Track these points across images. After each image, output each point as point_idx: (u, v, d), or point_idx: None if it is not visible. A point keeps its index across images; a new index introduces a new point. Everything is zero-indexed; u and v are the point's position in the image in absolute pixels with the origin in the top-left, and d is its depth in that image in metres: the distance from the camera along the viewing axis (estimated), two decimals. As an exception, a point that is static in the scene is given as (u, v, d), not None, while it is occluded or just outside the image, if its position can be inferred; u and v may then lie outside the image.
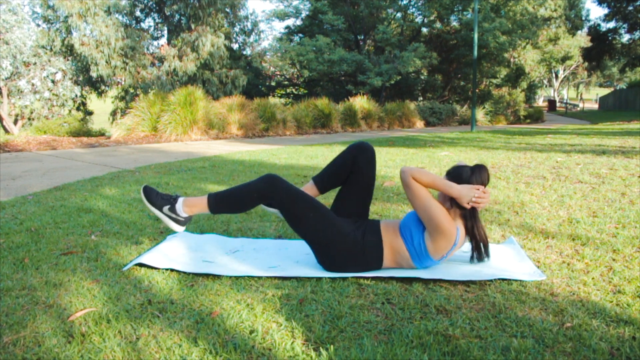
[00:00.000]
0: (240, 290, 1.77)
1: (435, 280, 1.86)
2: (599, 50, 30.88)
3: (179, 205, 2.02)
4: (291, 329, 1.48)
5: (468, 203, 1.86)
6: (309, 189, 2.17)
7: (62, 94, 14.61)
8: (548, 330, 1.45)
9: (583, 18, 35.73)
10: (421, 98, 22.74)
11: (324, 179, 2.16)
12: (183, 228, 2.07)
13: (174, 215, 2.02)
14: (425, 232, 1.89)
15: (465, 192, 1.86)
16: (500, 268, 1.99)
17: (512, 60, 25.13)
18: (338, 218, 1.99)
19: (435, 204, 1.86)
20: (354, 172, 2.08)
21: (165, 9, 16.22)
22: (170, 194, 2.08)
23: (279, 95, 22.61)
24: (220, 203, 2.01)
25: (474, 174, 1.91)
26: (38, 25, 15.13)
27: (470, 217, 1.91)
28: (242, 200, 1.99)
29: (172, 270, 1.98)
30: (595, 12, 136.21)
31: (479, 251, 1.96)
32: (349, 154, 2.10)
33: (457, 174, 1.93)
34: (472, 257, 1.99)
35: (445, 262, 2.06)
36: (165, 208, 2.02)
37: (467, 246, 2.14)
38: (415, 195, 1.87)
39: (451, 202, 1.91)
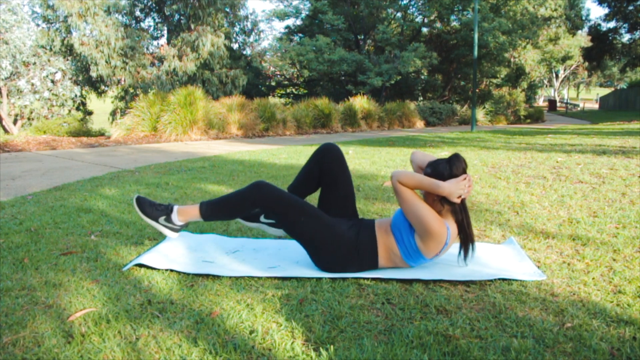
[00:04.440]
0: (240, 291, 1.77)
1: (435, 281, 1.86)
2: (599, 50, 30.87)
3: (174, 215, 2.05)
4: (291, 329, 1.47)
5: (458, 197, 1.85)
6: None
7: (62, 94, 14.61)
8: (548, 331, 1.45)
9: (583, 18, 35.72)
10: (421, 98, 22.73)
11: (295, 188, 2.17)
12: (177, 234, 2.10)
13: (170, 225, 2.06)
14: (415, 232, 1.88)
15: (454, 188, 1.84)
16: (501, 268, 1.99)
17: (512, 60, 25.12)
18: (331, 219, 1.98)
19: (422, 206, 1.84)
20: (323, 175, 2.09)
21: (165, 9, 16.22)
22: (164, 203, 2.09)
23: (279, 95, 22.61)
24: (212, 211, 2.04)
25: (453, 166, 1.87)
26: (38, 25, 15.13)
27: (460, 211, 1.90)
28: (233, 208, 2.02)
29: (172, 270, 1.98)
30: (596, 12, 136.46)
31: (467, 249, 1.93)
32: (313, 159, 2.11)
33: (437, 171, 1.89)
34: (461, 256, 1.94)
35: (444, 262, 2.06)
36: (162, 219, 2.05)
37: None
38: (403, 199, 1.87)
39: (441, 202, 1.89)
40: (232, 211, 2.04)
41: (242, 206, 2.00)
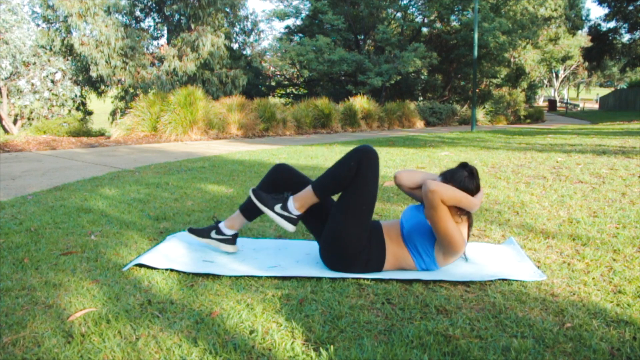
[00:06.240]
0: (240, 290, 1.77)
1: (435, 281, 1.86)
2: (599, 50, 30.87)
3: (290, 203, 2.02)
4: (291, 329, 1.47)
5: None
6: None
7: (62, 94, 14.61)
8: (548, 331, 1.45)
9: (583, 18, 35.74)
10: (421, 98, 22.74)
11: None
12: (294, 228, 2.04)
13: (286, 214, 2.02)
14: (435, 244, 1.91)
15: (480, 202, 1.91)
16: (501, 268, 1.99)
17: (512, 60, 25.13)
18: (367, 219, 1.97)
19: (454, 226, 1.84)
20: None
21: (165, 9, 16.21)
22: (280, 194, 2.07)
23: (279, 95, 22.60)
24: (324, 187, 1.99)
25: (474, 179, 1.92)
26: (38, 25, 15.12)
27: (472, 222, 1.99)
28: (340, 176, 1.95)
29: (172, 270, 1.97)
30: (596, 12, 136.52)
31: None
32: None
33: (465, 187, 1.89)
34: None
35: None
36: (277, 207, 2.02)
37: None
38: (440, 219, 1.82)
39: (462, 215, 1.92)
40: (340, 180, 1.96)
41: (349, 170, 1.93)
